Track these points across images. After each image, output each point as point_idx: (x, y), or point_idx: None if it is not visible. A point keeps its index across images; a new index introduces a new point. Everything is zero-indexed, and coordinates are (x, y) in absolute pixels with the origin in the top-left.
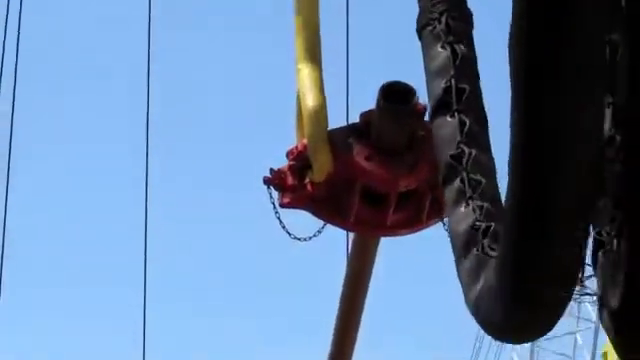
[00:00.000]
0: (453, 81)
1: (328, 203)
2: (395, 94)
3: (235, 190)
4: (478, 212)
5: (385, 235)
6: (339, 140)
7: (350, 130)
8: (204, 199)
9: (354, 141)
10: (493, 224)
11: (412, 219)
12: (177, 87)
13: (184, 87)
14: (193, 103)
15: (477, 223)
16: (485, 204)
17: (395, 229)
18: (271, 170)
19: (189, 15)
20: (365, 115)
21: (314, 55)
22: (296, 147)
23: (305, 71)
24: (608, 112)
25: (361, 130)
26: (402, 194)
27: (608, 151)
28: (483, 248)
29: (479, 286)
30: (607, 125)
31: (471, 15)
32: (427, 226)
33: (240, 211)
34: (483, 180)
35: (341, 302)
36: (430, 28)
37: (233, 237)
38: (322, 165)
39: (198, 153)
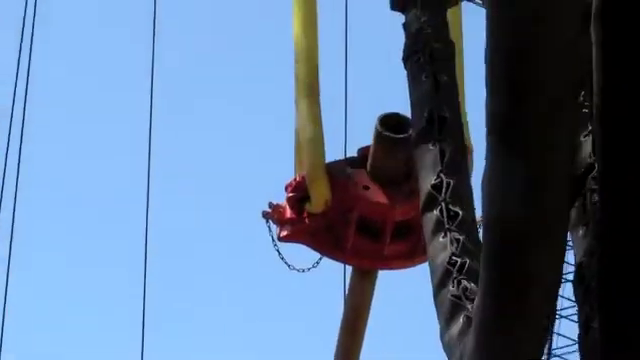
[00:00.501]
0: (435, 110)
1: (325, 236)
2: (392, 125)
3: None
4: (455, 245)
5: (382, 267)
6: (337, 171)
7: (348, 162)
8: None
9: (351, 172)
10: (468, 260)
11: (409, 251)
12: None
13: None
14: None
15: (453, 258)
16: (462, 237)
17: (392, 261)
18: (270, 204)
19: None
20: (363, 149)
21: (312, 91)
22: (295, 179)
23: (303, 106)
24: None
25: (358, 162)
26: (399, 227)
27: (589, 182)
28: (459, 284)
29: (454, 331)
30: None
31: (453, 45)
32: (424, 260)
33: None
34: (460, 212)
35: (340, 337)
36: (415, 58)
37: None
38: (320, 194)
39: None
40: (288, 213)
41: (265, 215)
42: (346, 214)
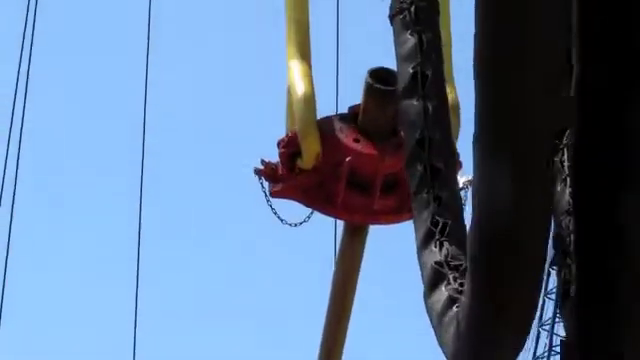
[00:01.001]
0: (419, 67)
1: (316, 192)
2: (382, 78)
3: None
4: (437, 202)
5: (372, 222)
6: (327, 126)
7: (338, 118)
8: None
9: (342, 126)
10: (450, 222)
11: (397, 207)
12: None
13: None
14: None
15: (436, 217)
16: (443, 195)
17: (382, 216)
18: (262, 161)
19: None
20: (354, 107)
21: (304, 52)
22: (286, 135)
23: (295, 66)
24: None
25: (349, 118)
26: (387, 182)
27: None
28: (441, 247)
29: (436, 303)
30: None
31: (437, 4)
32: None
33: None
34: (442, 168)
35: (330, 301)
36: (401, 17)
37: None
38: (312, 148)
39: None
40: (280, 169)
41: (257, 172)
42: (336, 169)
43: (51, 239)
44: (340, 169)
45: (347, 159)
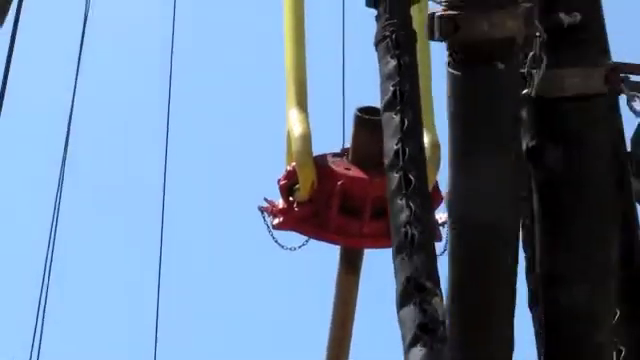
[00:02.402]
0: (398, 86)
1: (313, 221)
2: (370, 113)
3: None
4: (408, 211)
5: (365, 245)
6: (321, 160)
7: (331, 154)
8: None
9: (334, 160)
10: (417, 234)
11: (388, 230)
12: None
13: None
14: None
15: (407, 227)
16: (417, 203)
17: (372, 239)
18: (265, 199)
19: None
20: (345, 148)
21: (301, 100)
22: (286, 169)
23: (293, 113)
24: None
25: (341, 154)
26: (378, 207)
27: None
28: (410, 258)
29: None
30: None
31: (415, 33)
32: None
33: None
34: (414, 180)
35: (331, 330)
36: (383, 43)
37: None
38: (307, 177)
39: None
40: (280, 204)
41: (261, 209)
42: (330, 198)
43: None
44: (332, 198)
45: (339, 182)
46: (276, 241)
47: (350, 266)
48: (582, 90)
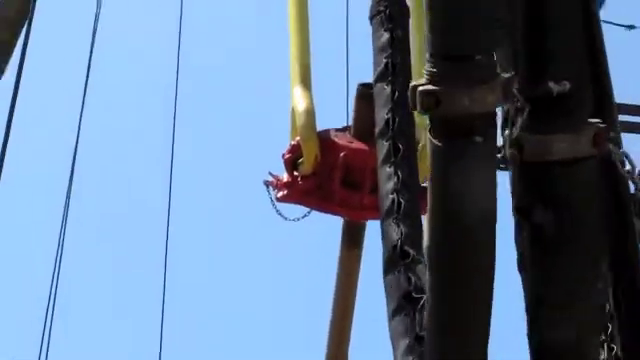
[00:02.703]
0: (390, 58)
1: (316, 194)
2: (371, 88)
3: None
4: (396, 179)
5: (365, 217)
6: (324, 134)
7: (334, 130)
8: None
9: (337, 134)
10: (403, 201)
11: None
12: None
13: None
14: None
15: (395, 194)
16: (404, 171)
17: (372, 211)
18: (270, 173)
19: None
20: (348, 125)
21: (305, 78)
22: (290, 144)
23: (297, 90)
24: None
25: (343, 129)
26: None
27: None
28: (398, 226)
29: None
30: None
31: (407, 8)
32: None
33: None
34: (401, 147)
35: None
36: (378, 17)
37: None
38: (311, 150)
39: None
40: (285, 178)
41: (266, 183)
42: (333, 171)
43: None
44: (335, 171)
45: (341, 154)
46: (279, 213)
47: (352, 240)
48: (570, 154)
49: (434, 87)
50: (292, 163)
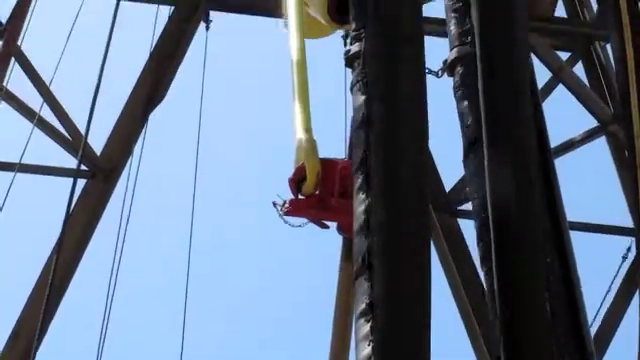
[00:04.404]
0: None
1: (318, 208)
2: None
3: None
4: (368, 203)
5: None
6: (325, 160)
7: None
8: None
9: (337, 160)
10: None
11: None
12: None
13: None
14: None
15: (366, 214)
16: (370, 199)
17: None
18: (277, 195)
19: None
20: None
21: (307, 120)
22: (295, 167)
23: (303, 137)
24: None
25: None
26: None
27: None
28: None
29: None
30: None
31: None
32: None
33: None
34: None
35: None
36: (357, 86)
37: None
38: (313, 168)
39: None
40: (291, 196)
41: (274, 203)
42: (332, 185)
43: None
44: (334, 183)
45: (339, 167)
46: (286, 222)
47: (351, 254)
48: None
49: None
50: (297, 184)
